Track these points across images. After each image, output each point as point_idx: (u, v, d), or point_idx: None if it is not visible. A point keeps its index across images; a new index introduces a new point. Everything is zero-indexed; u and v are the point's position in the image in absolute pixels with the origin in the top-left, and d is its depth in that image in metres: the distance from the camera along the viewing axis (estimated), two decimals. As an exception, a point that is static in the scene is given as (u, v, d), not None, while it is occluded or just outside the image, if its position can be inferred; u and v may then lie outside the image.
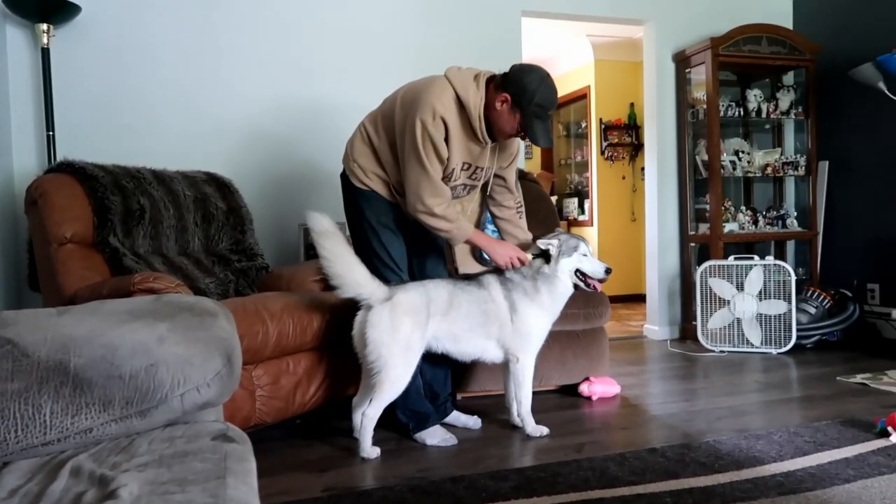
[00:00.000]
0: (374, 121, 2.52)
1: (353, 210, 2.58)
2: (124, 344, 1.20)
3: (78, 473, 1.06)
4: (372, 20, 3.94)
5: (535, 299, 2.50)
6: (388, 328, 2.26)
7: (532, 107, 2.28)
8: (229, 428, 1.25)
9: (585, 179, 6.99)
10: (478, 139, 2.37)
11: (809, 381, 3.34)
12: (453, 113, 2.30)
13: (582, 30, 6.01)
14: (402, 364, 2.29)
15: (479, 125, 2.33)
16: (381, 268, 2.51)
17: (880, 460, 2.17)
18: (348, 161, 2.56)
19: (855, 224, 4.49)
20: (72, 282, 2.41)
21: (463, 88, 2.31)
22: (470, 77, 2.35)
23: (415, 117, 2.27)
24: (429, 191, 2.32)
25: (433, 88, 2.30)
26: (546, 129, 2.35)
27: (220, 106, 3.66)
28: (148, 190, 2.80)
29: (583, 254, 2.51)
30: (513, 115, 2.32)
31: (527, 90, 2.27)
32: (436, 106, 2.26)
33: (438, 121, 2.27)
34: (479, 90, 2.32)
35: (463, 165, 2.41)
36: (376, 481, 2.15)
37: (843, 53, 4.43)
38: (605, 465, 2.20)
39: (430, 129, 2.26)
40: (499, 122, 2.34)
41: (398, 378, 2.29)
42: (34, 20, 3.22)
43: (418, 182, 2.32)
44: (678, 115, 4.65)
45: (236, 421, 2.22)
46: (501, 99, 2.31)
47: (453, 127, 2.31)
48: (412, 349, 2.31)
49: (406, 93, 2.40)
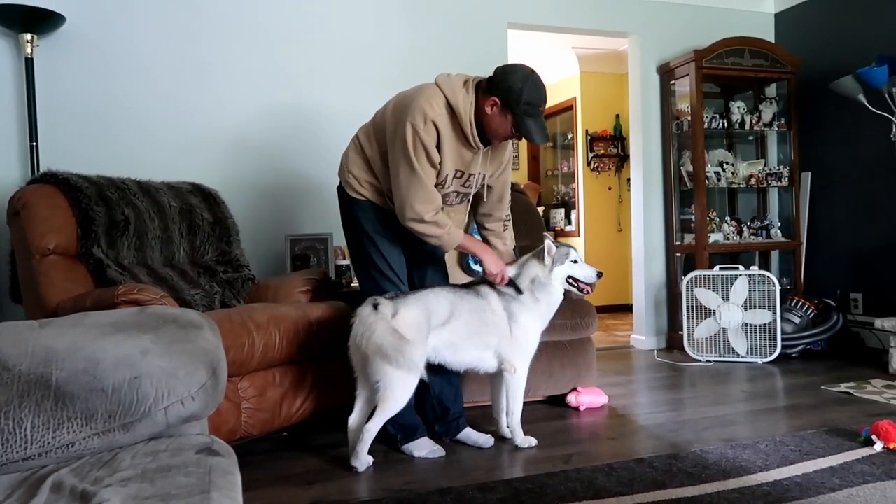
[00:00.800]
0: (366, 132, 2.52)
1: (349, 221, 2.56)
2: (107, 357, 1.19)
3: (59, 489, 1.05)
4: (358, 32, 3.95)
5: (532, 308, 2.51)
6: (391, 347, 2.19)
7: (522, 106, 2.27)
8: (214, 441, 1.24)
9: (572, 190, 7.03)
10: (470, 144, 2.37)
11: (794, 391, 3.36)
12: (444, 118, 2.30)
13: (567, 42, 6.06)
14: (405, 382, 2.26)
15: (471, 130, 2.33)
16: (380, 279, 2.50)
17: (865, 469, 2.19)
18: (343, 172, 2.55)
19: (838, 234, 4.54)
20: (55, 294, 2.38)
21: (452, 94, 2.31)
22: (459, 83, 2.35)
23: (405, 123, 2.27)
24: (419, 196, 2.31)
25: (424, 94, 2.30)
26: (540, 126, 2.34)
27: (205, 116, 3.65)
28: (133, 201, 2.78)
29: (573, 260, 2.55)
30: (504, 117, 2.31)
31: (513, 90, 2.26)
32: (427, 111, 2.26)
33: (430, 125, 2.27)
34: (468, 95, 2.33)
35: (455, 173, 2.41)
36: (364, 494, 2.13)
37: (824, 66, 4.50)
38: (592, 475, 2.19)
39: (421, 134, 2.25)
40: (491, 125, 2.34)
41: (401, 397, 2.26)
42: (18, 30, 3.20)
43: (408, 188, 2.31)
44: (663, 126, 4.69)
45: (222, 434, 2.19)
46: (491, 103, 2.30)
47: (445, 132, 2.31)
48: (415, 367, 2.25)
49: (397, 101, 2.40)
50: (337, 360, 2.70)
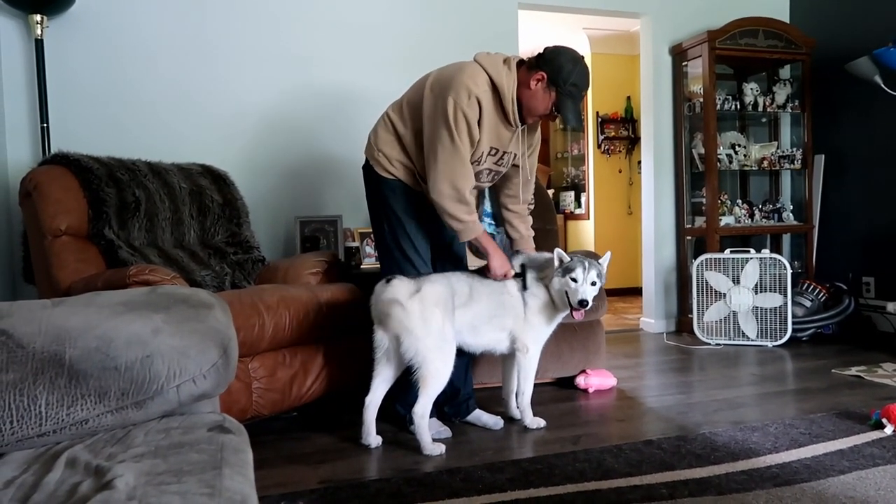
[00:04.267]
0: (398, 109, 2.49)
1: (376, 200, 2.53)
2: (119, 335, 1.20)
3: (74, 464, 1.06)
4: (368, 13, 3.91)
5: (541, 296, 2.51)
6: (419, 321, 2.22)
7: (568, 86, 2.30)
8: (225, 419, 1.25)
9: (582, 173, 6.99)
10: (509, 122, 2.38)
11: (805, 374, 3.35)
12: (488, 95, 2.31)
13: (578, 23, 5.99)
14: (441, 355, 2.26)
15: (512, 107, 2.34)
16: (403, 261, 2.48)
17: (875, 452, 2.18)
18: (372, 150, 2.52)
19: (850, 217, 4.50)
20: (66, 274, 2.40)
21: (496, 71, 2.32)
22: (500, 60, 2.36)
23: (447, 98, 2.26)
24: (459, 172, 2.31)
25: (466, 71, 2.30)
26: (577, 110, 2.38)
27: (215, 97, 3.65)
28: (143, 182, 2.78)
29: (572, 278, 2.41)
30: (547, 93, 2.33)
31: (563, 69, 2.29)
32: (471, 87, 2.27)
33: (473, 101, 2.27)
34: (511, 72, 2.34)
35: (490, 150, 2.41)
36: (372, 473, 2.15)
37: (839, 47, 4.43)
38: (601, 456, 2.20)
39: (465, 109, 2.26)
40: (532, 101, 2.35)
41: (438, 370, 2.26)
42: (27, 11, 3.19)
43: (448, 163, 2.29)
44: (675, 108, 4.64)
45: (233, 413, 2.21)
46: (537, 77, 2.31)
47: (487, 109, 2.32)
48: (447, 339, 2.28)
49: (436, 78, 2.38)
50: (346, 342, 2.72)
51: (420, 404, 2.27)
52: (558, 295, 2.47)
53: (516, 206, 2.68)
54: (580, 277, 2.42)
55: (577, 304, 2.40)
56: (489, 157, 2.42)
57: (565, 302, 2.46)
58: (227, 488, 0.96)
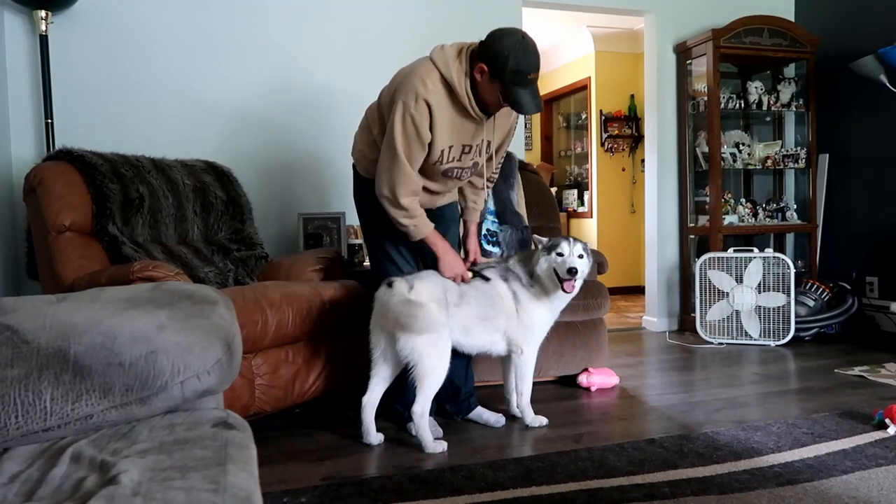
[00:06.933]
0: (372, 111, 2.49)
1: (362, 200, 2.54)
2: (124, 331, 1.20)
3: (78, 459, 1.06)
4: (371, 10, 3.91)
5: (532, 293, 2.49)
6: (406, 315, 2.20)
7: (508, 74, 2.13)
8: (229, 415, 1.25)
9: (585, 171, 6.98)
10: (471, 116, 2.29)
11: (807, 374, 3.35)
12: (440, 94, 2.22)
13: (582, 21, 5.98)
14: (435, 352, 2.25)
15: (469, 102, 2.24)
16: (386, 263, 2.49)
17: (878, 452, 2.18)
18: (355, 151, 2.54)
19: (854, 217, 4.49)
20: (70, 270, 2.40)
21: (446, 68, 2.22)
22: (454, 54, 2.25)
23: (397, 102, 2.21)
24: (399, 180, 2.26)
25: (417, 72, 2.23)
26: (531, 95, 2.19)
27: (219, 95, 3.65)
28: (147, 178, 2.79)
29: (558, 253, 2.41)
30: (492, 85, 2.19)
31: (499, 56, 2.13)
32: (419, 90, 2.19)
33: (421, 104, 2.19)
34: (462, 66, 2.23)
35: (453, 147, 2.33)
36: (375, 470, 2.15)
37: (844, 46, 4.41)
38: (603, 455, 2.20)
39: (413, 114, 2.19)
40: (483, 94, 2.23)
41: (434, 368, 2.25)
42: (32, 7, 3.19)
43: (391, 169, 2.26)
44: (678, 106, 4.63)
45: (236, 410, 2.22)
46: (479, 70, 2.19)
47: (440, 109, 2.22)
48: (438, 327, 2.26)
49: (395, 79, 2.35)
50: (349, 339, 2.73)
51: (419, 403, 2.26)
52: (547, 275, 2.43)
53: (474, 178, 2.60)
54: (566, 251, 2.40)
55: (567, 272, 2.36)
56: (453, 154, 2.34)
57: (555, 281, 2.41)
58: (232, 484, 0.96)
